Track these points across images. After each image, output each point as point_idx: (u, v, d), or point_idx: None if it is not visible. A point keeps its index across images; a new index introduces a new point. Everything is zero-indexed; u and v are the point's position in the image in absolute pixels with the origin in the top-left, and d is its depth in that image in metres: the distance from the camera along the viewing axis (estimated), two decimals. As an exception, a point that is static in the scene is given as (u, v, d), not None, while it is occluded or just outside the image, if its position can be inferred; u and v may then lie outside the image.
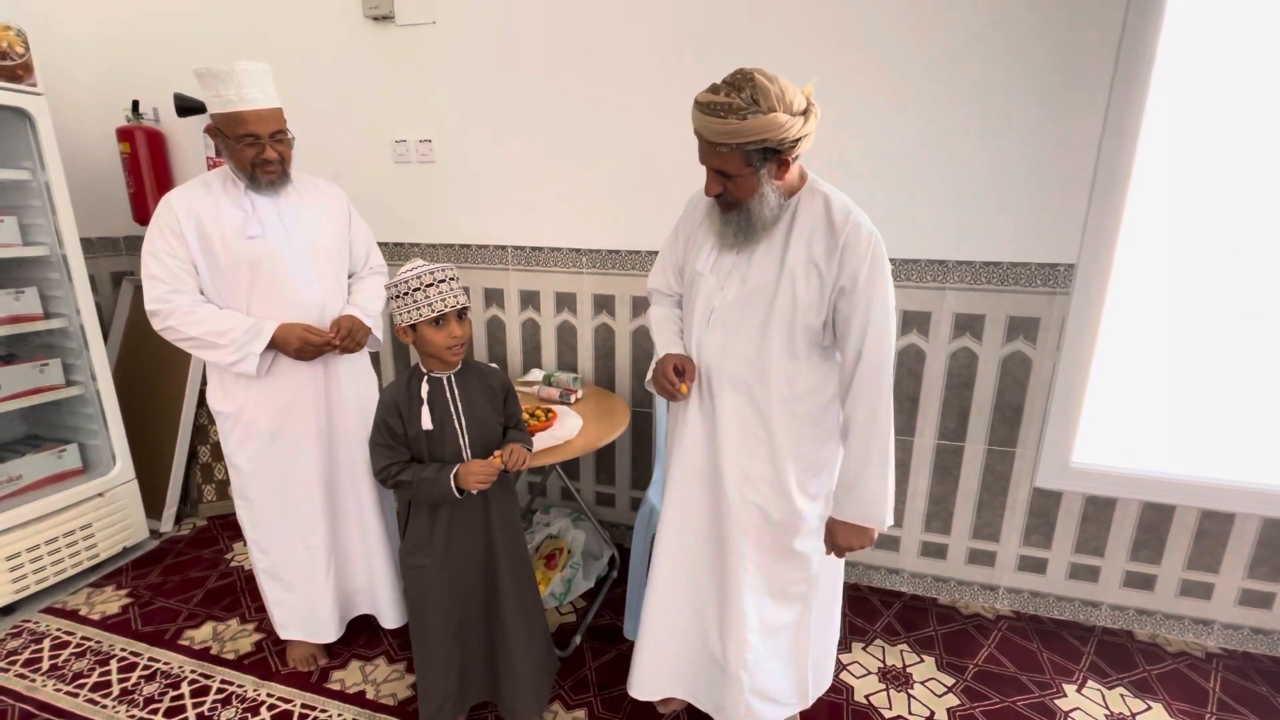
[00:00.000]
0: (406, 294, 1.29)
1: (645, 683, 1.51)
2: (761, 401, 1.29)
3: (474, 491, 1.35)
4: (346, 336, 1.62)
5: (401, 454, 1.39)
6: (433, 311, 1.29)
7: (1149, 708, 1.72)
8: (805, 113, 1.11)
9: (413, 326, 1.32)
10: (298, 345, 1.56)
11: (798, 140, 1.12)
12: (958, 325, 1.94)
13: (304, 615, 1.79)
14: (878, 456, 1.23)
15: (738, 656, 1.39)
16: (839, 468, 1.32)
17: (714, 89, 1.11)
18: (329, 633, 1.82)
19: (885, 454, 1.23)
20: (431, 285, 1.28)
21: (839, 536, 1.30)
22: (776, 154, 1.13)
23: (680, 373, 1.31)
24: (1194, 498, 1.83)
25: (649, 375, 1.41)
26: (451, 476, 1.33)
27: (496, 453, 1.36)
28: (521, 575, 1.50)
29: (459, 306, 1.32)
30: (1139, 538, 1.95)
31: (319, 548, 1.74)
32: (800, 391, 1.28)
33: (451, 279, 1.31)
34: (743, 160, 1.12)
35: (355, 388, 1.75)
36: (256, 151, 1.52)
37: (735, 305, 1.27)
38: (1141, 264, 1.75)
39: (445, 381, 1.40)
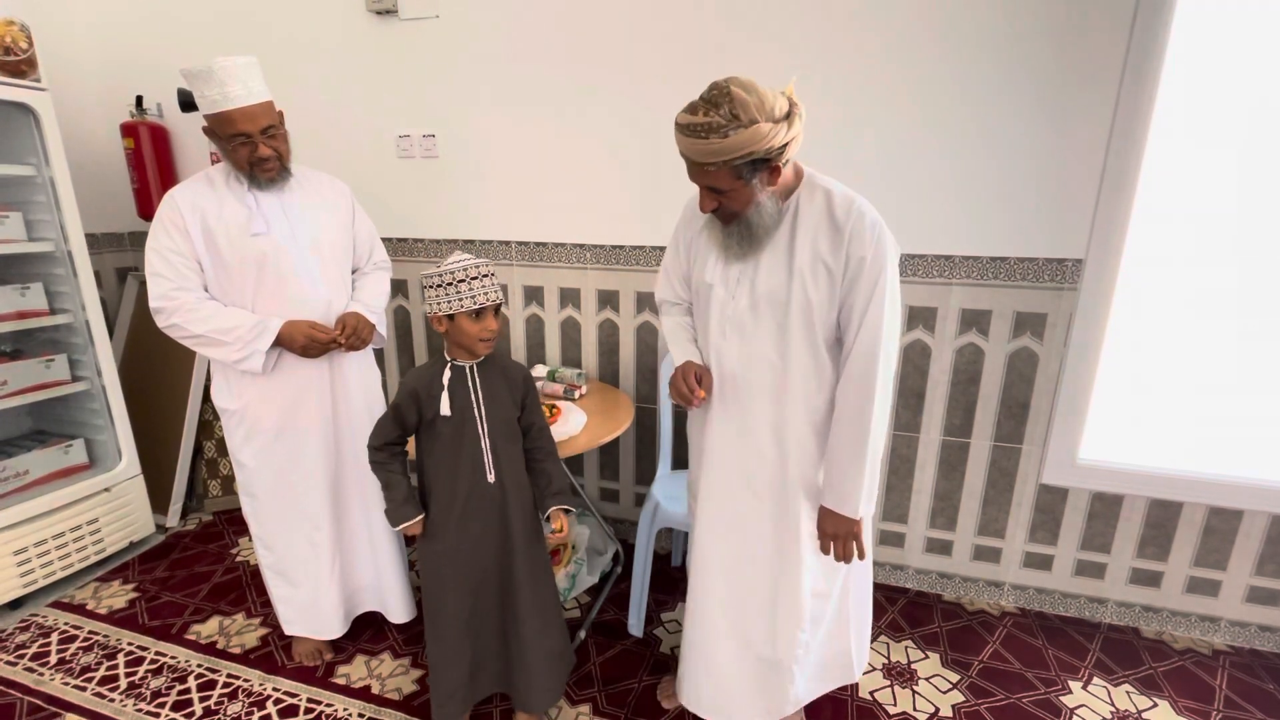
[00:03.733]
0: (450, 284, 1.32)
1: (696, 694, 1.50)
2: (792, 405, 1.28)
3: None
4: (352, 335, 1.62)
5: (394, 436, 1.43)
6: (474, 304, 1.31)
7: (1155, 705, 1.72)
8: (789, 116, 1.09)
9: (450, 316, 1.34)
10: (303, 343, 1.55)
11: (785, 146, 1.10)
12: (964, 321, 1.93)
13: (309, 612, 1.80)
14: (859, 446, 1.22)
15: (789, 651, 1.40)
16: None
17: (692, 108, 1.10)
18: (333, 629, 1.82)
19: (865, 444, 1.21)
20: (476, 279, 1.32)
21: (826, 523, 1.30)
22: (766, 163, 1.12)
23: (699, 381, 1.31)
24: (1201, 494, 1.82)
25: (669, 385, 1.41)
26: (398, 525, 1.42)
27: (554, 532, 1.48)
28: (538, 569, 1.51)
29: (497, 301, 1.35)
30: (1146, 534, 1.94)
31: (324, 544, 1.74)
32: (828, 389, 1.27)
33: (492, 274, 1.35)
34: (732, 175, 1.12)
35: (360, 384, 1.75)
36: (250, 150, 1.49)
37: (748, 313, 1.26)
38: (1150, 259, 1.74)
39: (468, 370, 1.41)
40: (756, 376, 1.28)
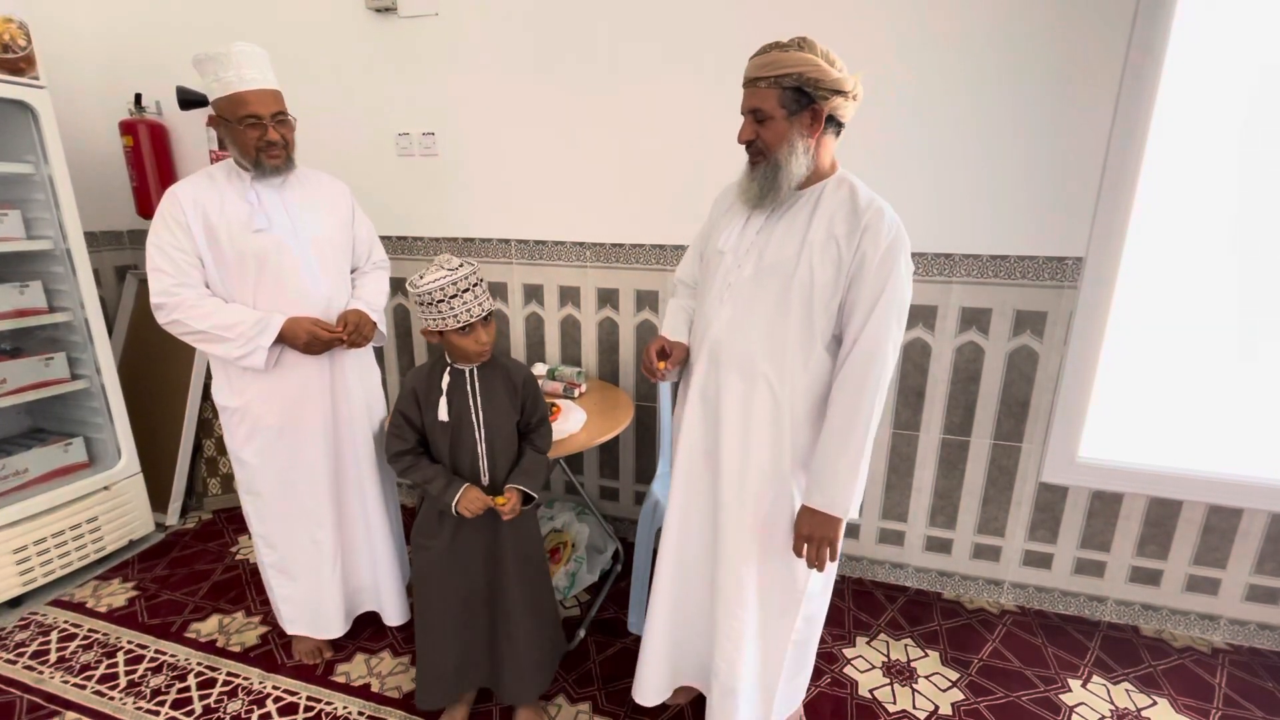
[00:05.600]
0: (432, 304, 1.29)
1: (649, 689, 1.49)
2: (768, 385, 1.25)
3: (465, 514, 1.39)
4: (354, 331, 1.62)
5: (411, 442, 1.42)
6: (458, 323, 1.30)
7: (1154, 703, 1.72)
8: (846, 79, 1.16)
9: (439, 332, 1.34)
10: (306, 339, 1.55)
11: (833, 93, 1.14)
12: (964, 319, 1.92)
13: (311, 610, 1.80)
14: (855, 445, 1.19)
15: (728, 669, 1.36)
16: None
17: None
18: (335, 628, 1.82)
19: (863, 444, 1.19)
20: (456, 296, 1.28)
21: (804, 524, 1.24)
22: (811, 104, 1.15)
23: (665, 354, 1.33)
24: (1201, 493, 1.82)
25: None
26: (454, 501, 1.36)
27: (502, 498, 1.39)
28: (529, 565, 1.51)
29: (484, 314, 1.33)
30: (1145, 533, 1.94)
31: (325, 542, 1.74)
32: (812, 378, 1.24)
33: (475, 285, 1.31)
34: (778, 99, 1.15)
35: (360, 381, 1.75)
36: (260, 134, 1.50)
37: (750, 282, 1.25)
38: (1150, 257, 1.74)
39: (468, 374, 1.40)
40: (738, 347, 1.26)
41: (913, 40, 1.77)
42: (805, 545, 1.25)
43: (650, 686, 1.49)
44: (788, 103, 1.15)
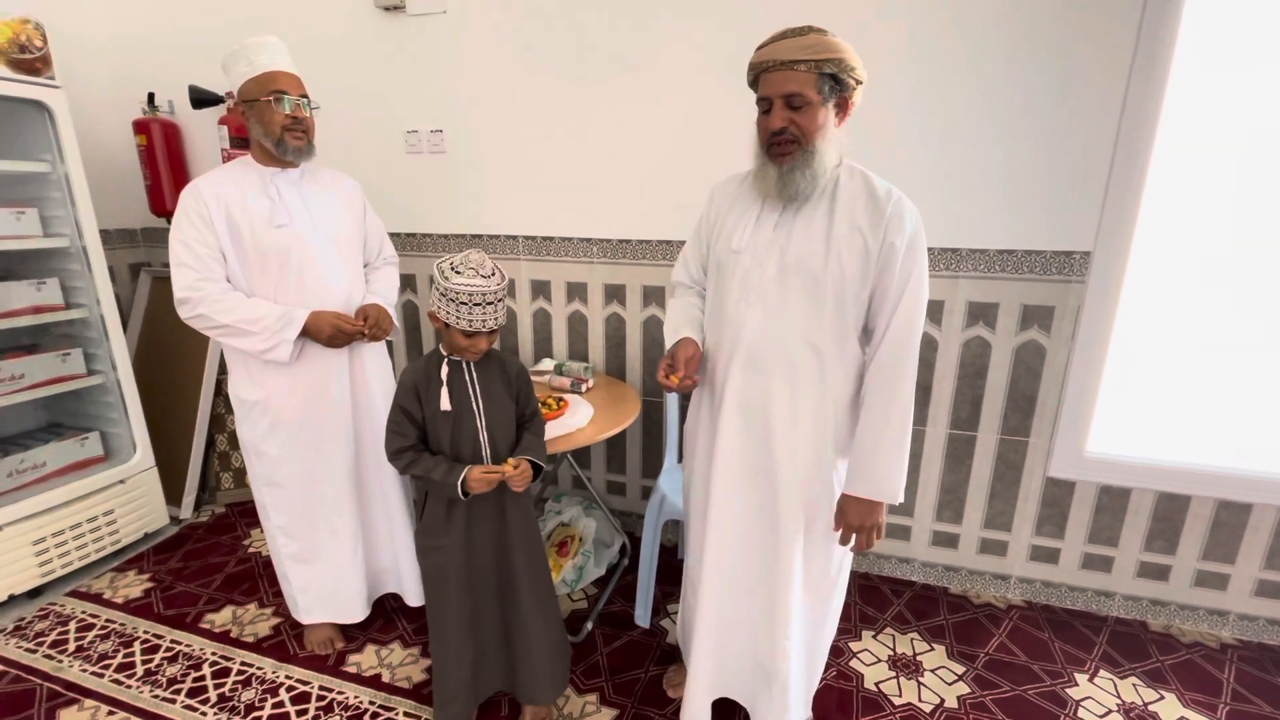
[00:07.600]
0: (455, 302, 1.30)
1: (700, 714, 1.47)
2: (812, 385, 1.25)
3: (475, 493, 1.38)
4: (374, 325, 1.65)
5: (411, 438, 1.42)
6: (470, 328, 1.31)
7: (1161, 698, 1.72)
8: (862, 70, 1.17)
9: (445, 324, 1.35)
10: (330, 333, 1.58)
11: (857, 84, 1.16)
12: (971, 314, 1.92)
13: (330, 597, 1.83)
14: (896, 430, 1.21)
15: (784, 663, 1.37)
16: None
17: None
18: (357, 612, 1.85)
19: (903, 427, 1.21)
20: (479, 305, 1.30)
21: (851, 514, 1.26)
22: (840, 90, 1.15)
23: (674, 368, 1.27)
24: (1210, 488, 1.82)
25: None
26: (459, 481, 1.35)
27: (509, 462, 1.38)
28: (535, 562, 1.52)
29: (494, 329, 1.34)
30: (1154, 528, 1.94)
31: (345, 530, 1.77)
32: (847, 369, 1.25)
33: (499, 300, 1.33)
34: (815, 85, 1.13)
35: (377, 372, 1.79)
36: (288, 111, 1.53)
37: (776, 281, 1.23)
38: (1158, 251, 1.73)
39: (465, 365, 1.42)
40: (777, 349, 1.24)
41: (920, 35, 1.77)
42: (854, 535, 1.27)
43: (701, 712, 1.48)
44: (824, 88, 1.13)
